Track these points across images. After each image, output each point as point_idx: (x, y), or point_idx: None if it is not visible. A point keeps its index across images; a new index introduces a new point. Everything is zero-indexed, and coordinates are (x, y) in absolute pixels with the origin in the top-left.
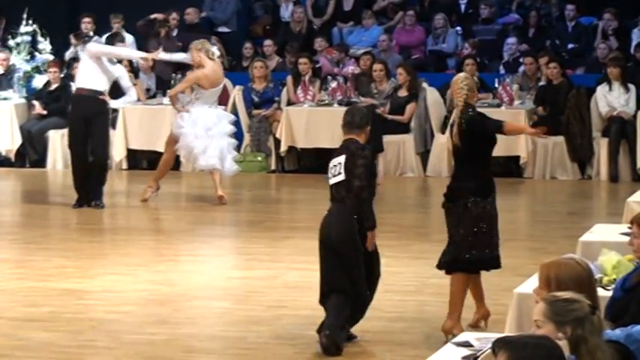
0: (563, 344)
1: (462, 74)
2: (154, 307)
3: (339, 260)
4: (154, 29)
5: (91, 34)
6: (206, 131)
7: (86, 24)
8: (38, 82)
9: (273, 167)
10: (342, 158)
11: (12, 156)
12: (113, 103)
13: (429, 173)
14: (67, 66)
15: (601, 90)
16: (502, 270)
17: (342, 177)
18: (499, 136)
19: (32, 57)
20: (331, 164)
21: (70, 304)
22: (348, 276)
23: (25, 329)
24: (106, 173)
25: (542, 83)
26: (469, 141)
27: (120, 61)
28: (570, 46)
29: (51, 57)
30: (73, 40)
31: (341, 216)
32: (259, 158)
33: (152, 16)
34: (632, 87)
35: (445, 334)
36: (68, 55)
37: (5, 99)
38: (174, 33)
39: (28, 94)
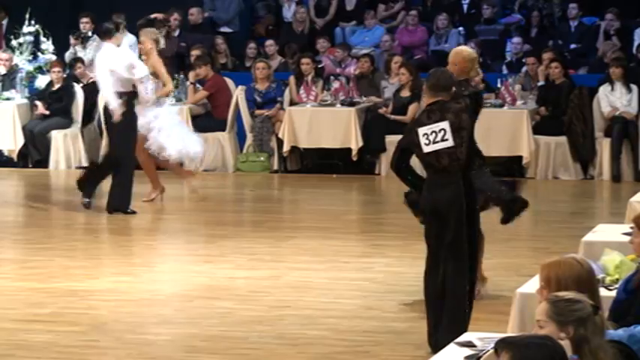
0: (566, 344)
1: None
2: (156, 307)
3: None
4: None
5: (90, 34)
6: (166, 123)
7: (84, 24)
8: (41, 82)
9: (275, 167)
10: (445, 124)
11: (15, 156)
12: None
13: None
14: (69, 66)
15: (603, 90)
16: (505, 270)
17: (450, 143)
18: (502, 138)
19: (35, 57)
20: (427, 130)
21: (73, 305)
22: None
23: (28, 329)
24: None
25: (540, 83)
26: None
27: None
28: (572, 46)
29: (54, 57)
30: (72, 41)
31: (452, 184)
32: (262, 158)
33: (152, 16)
34: (634, 87)
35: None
36: (68, 55)
37: (8, 99)
38: (176, 33)
39: (31, 94)
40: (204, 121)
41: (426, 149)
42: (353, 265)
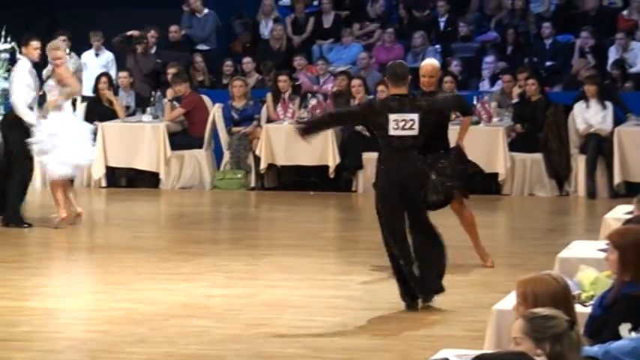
0: None
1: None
2: (132, 326)
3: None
4: (130, 46)
5: (67, 50)
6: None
7: (61, 42)
8: None
9: (252, 184)
10: (415, 116)
11: None
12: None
13: None
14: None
15: (578, 107)
16: (481, 286)
17: (415, 132)
18: (478, 154)
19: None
20: (398, 117)
21: (48, 324)
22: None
23: (3, 349)
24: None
25: (515, 100)
26: None
27: None
28: (548, 63)
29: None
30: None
31: (412, 162)
32: (239, 175)
33: (128, 33)
34: (608, 104)
35: None
36: (45, 72)
37: None
38: (153, 50)
39: (7, 110)
40: (181, 139)
41: (393, 132)
42: (330, 283)
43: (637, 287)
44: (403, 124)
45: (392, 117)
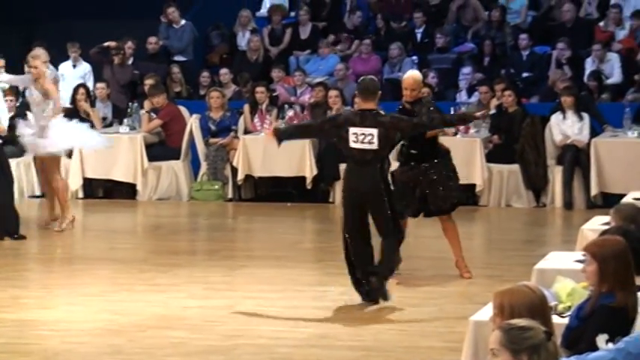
0: None
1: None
2: (109, 337)
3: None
4: (107, 57)
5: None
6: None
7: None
8: None
9: (230, 196)
10: (375, 131)
11: None
12: None
13: None
14: (22, 95)
15: (555, 118)
16: (459, 297)
17: (374, 146)
18: (456, 165)
19: None
20: (358, 131)
21: (24, 335)
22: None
23: None
24: None
25: (492, 111)
26: None
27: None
28: (525, 74)
29: (6, 86)
30: (26, 69)
31: (371, 175)
32: (216, 187)
33: (105, 44)
34: (585, 115)
35: None
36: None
37: None
38: (130, 61)
39: None
40: (158, 150)
41: (353, 145)
42: (307, 294)
43: (614, 298)
44: (362, 138)
45: (352, 130)
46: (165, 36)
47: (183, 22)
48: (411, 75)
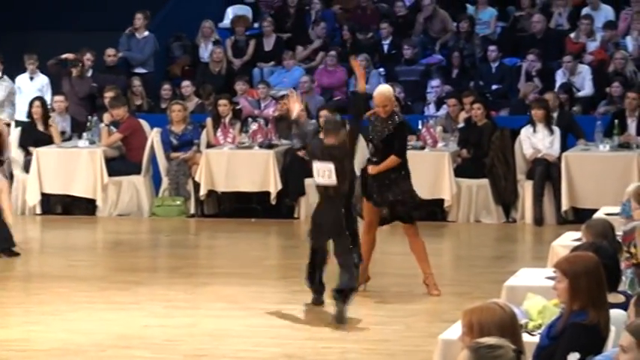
0: None
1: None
2: (68, 357)
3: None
4: (65, 69)
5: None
6: None
7: None
8: None
9: (192, 211)
10: (331, 165)
11: None
12: None
13: None
14: None
15: (525, 132)
16: (427, 315)
17: (334, 182)
18: (423, 180)
19: None
20: (320, 166)
21: None
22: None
23: None
24: None
25: (461, 125)
26: None
27: None
28: (494, 87)
29: None
30: None
31: (334, 210)
32: (178, 202)
33: (63, 56)
34: (556, 129)
35: None
36: None
37: None
38: (89, 73)
39: None
40: (119, 165)
41: (317, 180)
42: (272, 312)
43: (586, 316)
44: (323, 173)
45: (315, 165)
46: (127, 47)
47: (146, 33)
48: (381, 91)
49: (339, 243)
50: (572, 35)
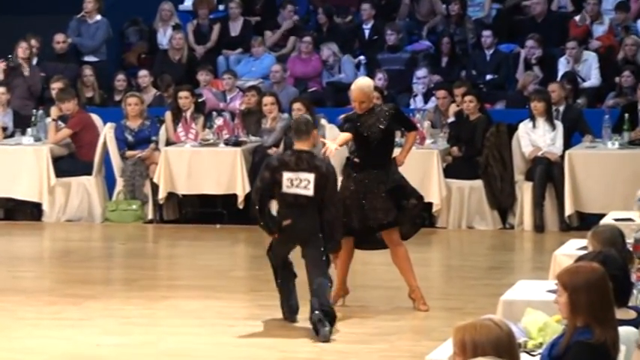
0: None
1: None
2: None
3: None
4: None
5: None
6: None
7: None
8: None
9: (150, 217)
10: (311, 176)
11: None
12: None
13: None
14: None
15: (524, 127)
16: (413, 333)
17: (310, 193)
18: (410, 181)
19: None
20: (293, 176)
21: None
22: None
23: None
24: None
25: (451, 119)
26: None
27: None
28: (489, 76)
29: None
30: None
31: (309, 215)
32: (134, 206)
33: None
34: (558, 124)
35: None
36: None
37: None
38: (34, 62)
39: None
40: (68, 164)
41: (287, 190)
42: (239, 329)
43: (591, 334)
44: (298, 183)
45: (286, 175)
46: (77, 33)
47: (98, 17)
48: (358, 86)
49: (312, 245)
50: (576, 18)
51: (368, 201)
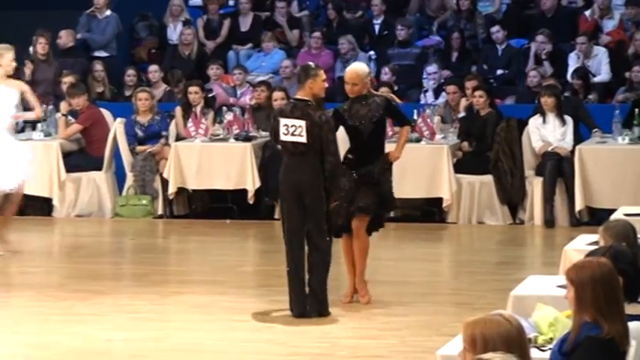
0: None
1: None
2: None
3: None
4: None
5: None
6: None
7: None
8: None
9: (160, 212)
10: (302, 123)
11: None
12: None
13: None
14: None
15: (534, 122)
16: (423, 328)
17: (304, 140)
18: (419, 177)
19: None
20: (288, 122)
21: None
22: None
23: None
24: None
25: (461, 114)
26: None
27: None
28: (499, 72)
29: None
30: None
31: (310, 165)
32: (144, 202)
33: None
34: (568, 119)
35: None
36: None
37: None
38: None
39: None
40: (78, 159)
41: (283, 137)
42: (249, 325)
43: (600, 329)
44: (293, 130)
45: (282, 121)
46: (87, 28)
47: (108, 12)
48: (353, 68)
49: (314, 201)
50: (586, 13)
51: (359, 196)
